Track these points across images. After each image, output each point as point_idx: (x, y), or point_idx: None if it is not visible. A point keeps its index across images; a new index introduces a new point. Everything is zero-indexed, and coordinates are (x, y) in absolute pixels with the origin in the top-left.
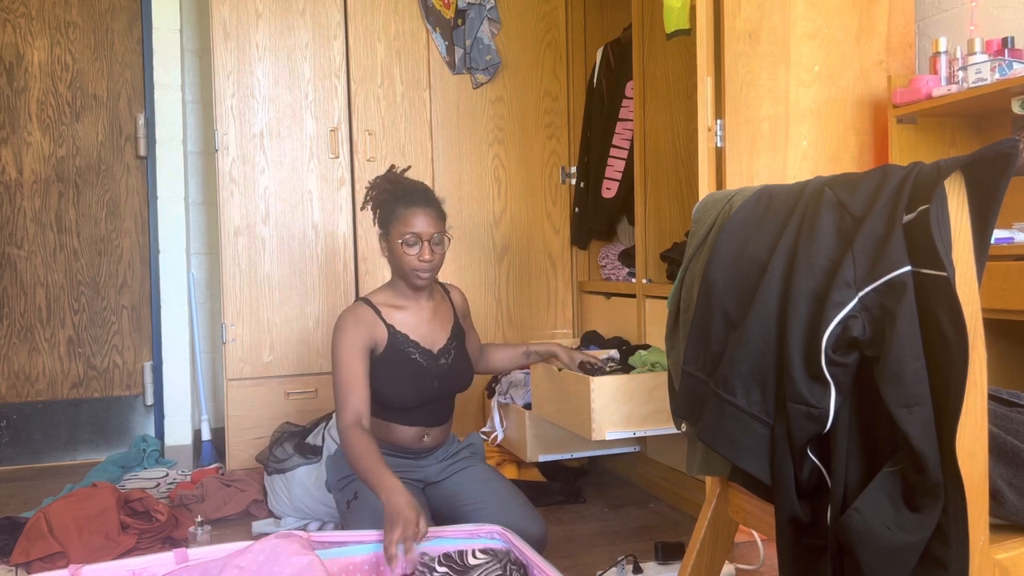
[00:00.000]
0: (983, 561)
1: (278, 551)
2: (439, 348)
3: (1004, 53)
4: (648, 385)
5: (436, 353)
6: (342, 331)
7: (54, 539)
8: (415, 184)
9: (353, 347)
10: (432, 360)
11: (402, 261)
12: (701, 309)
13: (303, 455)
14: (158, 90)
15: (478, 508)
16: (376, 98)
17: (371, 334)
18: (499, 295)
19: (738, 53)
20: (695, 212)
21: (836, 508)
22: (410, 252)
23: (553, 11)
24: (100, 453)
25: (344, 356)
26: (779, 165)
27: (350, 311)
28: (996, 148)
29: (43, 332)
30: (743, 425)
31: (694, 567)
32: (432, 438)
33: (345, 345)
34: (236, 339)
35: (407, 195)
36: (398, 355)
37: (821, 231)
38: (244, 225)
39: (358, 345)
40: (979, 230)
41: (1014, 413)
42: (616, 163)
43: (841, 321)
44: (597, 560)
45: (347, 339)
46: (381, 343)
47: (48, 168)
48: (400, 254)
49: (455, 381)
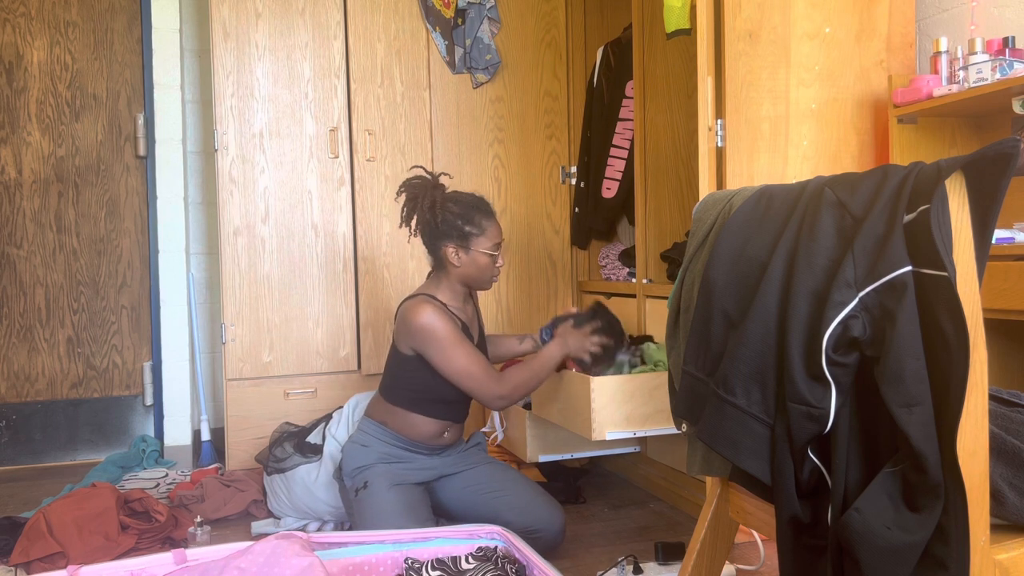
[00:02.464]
0: (983, 561)
1: (278, 552)
2: (475, 342)
3: (1005, 53)
4: (648, 385)
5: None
6: (440, 320)
7: (54, 539)
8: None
9: (456, 329)
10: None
11: (486, 270)
12: (701, 309)
13: (303, 454)
14: (158, 90)
15: (500, 496)
16: (376, 98)
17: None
18: (499, 295)
19: (738, 53)
20: (695, 212)
21: (836, 508)
22: (498, 261)
23: (553, 11)
24: (100, 453)
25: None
26: (779, 165)
27: (428, 303)
28: (996, 148)
29: (43, 332)
30: (743, 425)
31: (694, 567)
32: (451, 435)
33: (449, 330)
34: (236, 339)
35: (480, 206)
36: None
37: (821, 231)
38: (244, 225)
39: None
40: (980, 230)
41: (1014, 413)
42: (616, 163)
43: (841, 321)
44: (597, 560)
45: (447, 325)
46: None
47: (48, 168)
48: (486, 264)
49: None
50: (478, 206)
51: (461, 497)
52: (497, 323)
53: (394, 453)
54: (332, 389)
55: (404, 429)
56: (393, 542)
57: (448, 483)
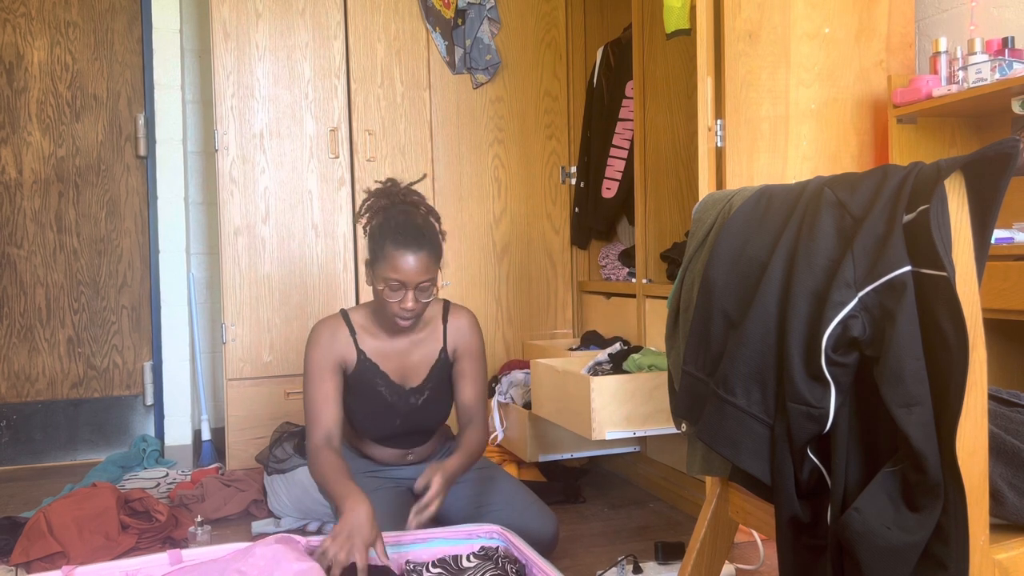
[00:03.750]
0: (983, 561)
1: (279, 556)
2: (412, 386)
3: (1004, 53)
4: (648, 385)
5: (407, 391)
6: (315, 346)
7: (54, 539)
8: (411, 218)
9: (324, 364)
10: (400, 397)
11: (383, 303)
12: (701, 309)
13: (303, 456)
14: (158, 90)
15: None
16: (376, 98)
17: (343, 353)
18: (499, 295)
19: (738, 53)
20: (695, 212)
21: (836, 508)
22: (392, 298)
23: (553, 11)
24: (100, 453)
25: (315, 373)
26: (779, 165)
27: (326, 324)
28: (996, 148)
29: (43, 332)
30: (743, 425)
31: (694, 567)
32: (417, 455)
33: (316, 362)
34: (236, 339)
35: (400, 232)
36: (364, 385)
37: (821, 231)
38: (244, 225)
39: (329, 362)
40: (979, 230)
41: (1014, 413)
42: (616, 163)
43: (841, 321)
44: (597, 560)
45: (319, 355)
46: (351, 365)
47: (48, 168)
48: (383, 297)
49: (424, 420)
50: (396, 233)
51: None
52: (497, 323)
53: (367, 465)
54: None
55: (368, 451)
56: (392, 543)
57: None
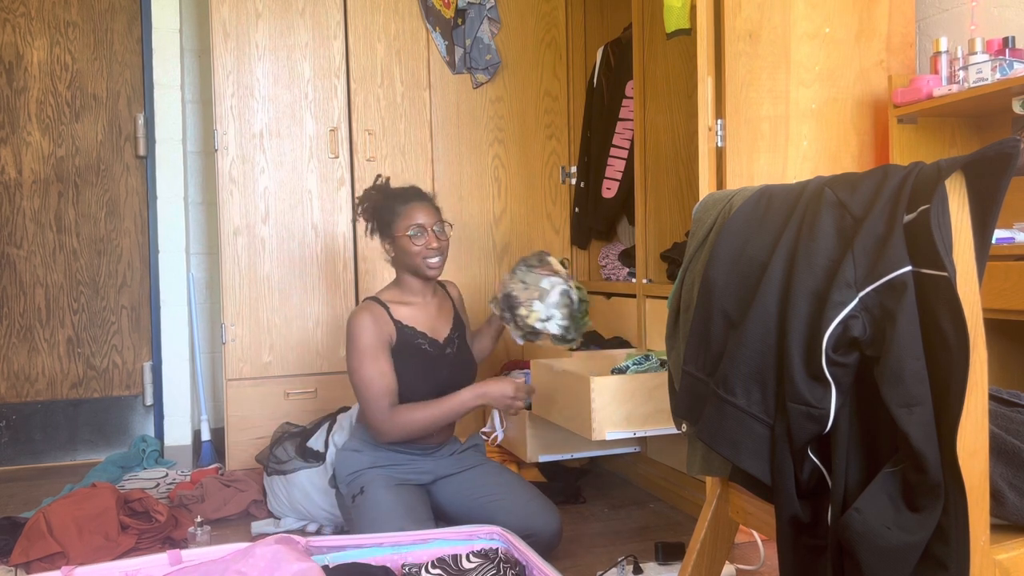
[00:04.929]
0: (983, 561)
1: (279, 557)
2: (444, 338)
3: (1005, 53)
4: (648, 385)
5: (442, 343)
6: (363, 330)
7: (54, 539)
8: (403, 187)
9: (376, 343)
10: (439, 349)
11: (411, 255)
12: (701, 309)
13: (304, 458)
14: (158, 90)
15: (495, 501)
16: (376, 98)
17: (386, 329)
18: None
19: (738, 53)
20: (695, 212)
21: (836, 508)
22: (418, 243)
23: (553, 11)
24: (100, 453)
25: (367, 353)
26: (779, 165)
27: (364, 309)
28: (997, 148)
29: (42, 332)
30: (743, 425)
31: (694, 567)
32: (438, 434)
33: (368, 342)
34: (236, 339)
35: (401, 195)
36: (409, 348)
37: (821, 231)
38: (244, 225)
39: (380, 340)
40: (980, 230)
41: (1014, 413)
42: (616, 163)
43: (841, 321)
44: (597, 560)
45: (368, 336)
46: (394, 337)
47: (47, 168)
48: (408, 248)
49: (463, 369)
50: (399, 195)
51: (456, 501)
52: None
53: (386, 456)
54: (332, 389)
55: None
56: (391, 544)
57: (444, 486)
